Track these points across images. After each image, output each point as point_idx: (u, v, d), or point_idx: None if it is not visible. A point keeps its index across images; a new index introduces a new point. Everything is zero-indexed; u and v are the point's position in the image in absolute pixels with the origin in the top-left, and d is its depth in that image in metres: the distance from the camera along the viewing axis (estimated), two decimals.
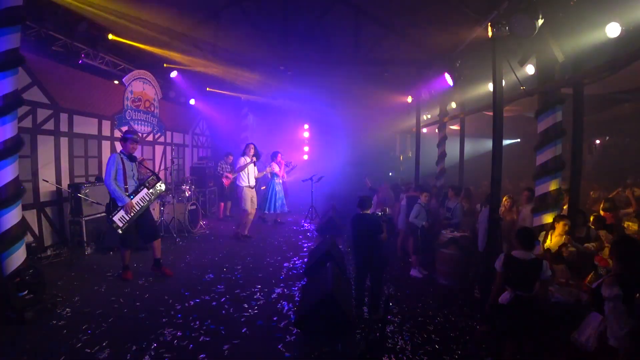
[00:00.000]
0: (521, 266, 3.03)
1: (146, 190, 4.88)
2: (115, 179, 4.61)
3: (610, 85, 5.80)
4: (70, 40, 6.01)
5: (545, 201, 4.80)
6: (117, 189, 4.58)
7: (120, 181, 4.67)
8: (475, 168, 9.52)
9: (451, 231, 5.62)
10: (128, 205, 4.62)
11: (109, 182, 4.58)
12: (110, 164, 4.61)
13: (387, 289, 4.97)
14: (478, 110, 7.71)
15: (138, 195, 4.78)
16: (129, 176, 4.76)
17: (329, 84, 10.60)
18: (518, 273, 3.05)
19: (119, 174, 4.66)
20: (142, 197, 4.83)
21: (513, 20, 4.03)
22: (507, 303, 3.10)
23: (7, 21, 3.66)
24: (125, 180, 4.71)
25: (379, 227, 4.29)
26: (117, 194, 4.58)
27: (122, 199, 4.59)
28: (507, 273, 3.08)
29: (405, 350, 3.49)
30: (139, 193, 4.80)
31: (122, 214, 4.61)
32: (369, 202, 4.49)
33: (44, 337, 3.36)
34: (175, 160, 10.16)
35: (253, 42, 8.26)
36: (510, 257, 3.11)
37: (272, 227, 8.54)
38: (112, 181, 4.57)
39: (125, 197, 4.61)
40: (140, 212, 4.76)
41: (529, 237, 3.15)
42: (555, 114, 4.73)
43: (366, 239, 4.28)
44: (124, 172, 4.70)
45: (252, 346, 3.34)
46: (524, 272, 3.04)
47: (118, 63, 7.40)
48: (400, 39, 7.89)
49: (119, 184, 4.64)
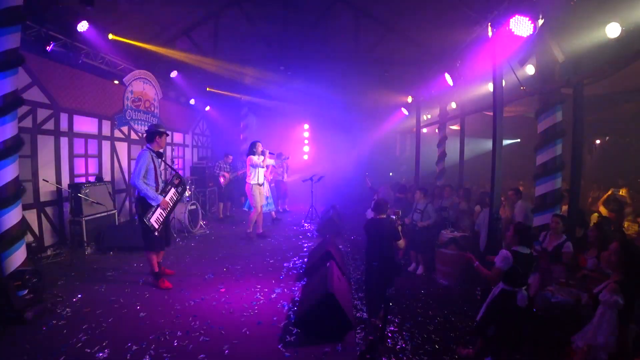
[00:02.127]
0: (526, 261, 3.03)
1: (174, 189, 4.67)
2: (145, 177, 4.32)
3: (610, 85, 5.80)
4: (70, 40, 6.01)
5: (545, 201, 4.80)
6: (148, 188, 4.32)
7: (151, 180, 4.40)
8: (474, 167, 9.53)
9: (451, 231, 5.62)
10: (163, 203, 4.41)
11: (138, 182, 4.27)
12: (142, 162, 4.31)
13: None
14: (478, 110, 7.71)
15: (167, 195, 4.56)
16: (158, 175, 4.50)
17: (329, 83, 10.61)
18: (525, 267, 3.04)
19: (149, 173, 4.37)
20: (171, 197, 4.63)
21: (513, 20, 4.04)
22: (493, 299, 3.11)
23: (7, 21, 3.66)
24: (156, 179, 4.45)
25: (395, 232, 4.01)
26: (149, 193, 4.31)
27: (156, 197, 4.37)
28: (516, 269, 3.00)
29: (405, 350, 3.49)
30: (167, 193, 4.57)
31: (158, 214, 4.38)
32: (386, 206, 4.17)
33: (44, 337, 3.35)
34: (175, 160, 10.15)
35: (253, 42, 8.28)
36: (516, 253, 3.03)
37: (274, 227, 8.51)
38: (141, 180, 4.28)
39: (158, 196, 4.39)
40: (170, 213, 4.60)
41: (529, 234, 3.16)
42: (555, 114, 4.74)
43: (381, 246, 3.98)
44: (155, 171, 4.42)
45: (252, 346, 3.34)
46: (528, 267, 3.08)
47: (118, 63, 7.40)
48: (400, 39, 7.89)
49: (149, 183, 4.38)
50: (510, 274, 3.02)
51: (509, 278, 3.04)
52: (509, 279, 3.04)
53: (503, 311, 3.03)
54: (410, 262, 6.06)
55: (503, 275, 3.07)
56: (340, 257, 5.49)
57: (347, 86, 10.65)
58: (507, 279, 3.05)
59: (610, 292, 2.49)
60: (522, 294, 2.98)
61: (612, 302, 2.45)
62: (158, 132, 4.54)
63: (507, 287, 3.04)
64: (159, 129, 4.57)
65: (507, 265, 3.01)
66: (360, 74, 9.68)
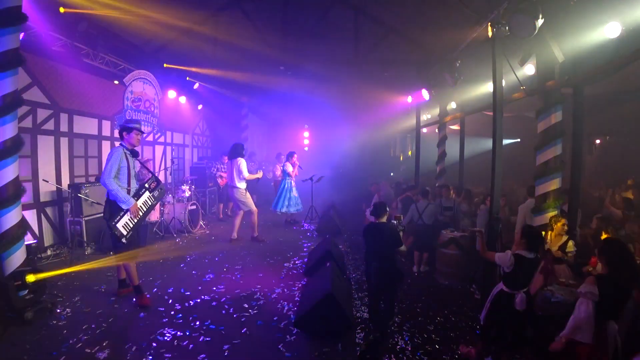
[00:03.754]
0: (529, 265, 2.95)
1: (148, 193, 4.23)
2: (116, 177, 3.90)
3: (610, 85, 5.81)
4: (71, 40, 6.01)
5: (545, 201, 4.80)
6: (120, 189, 3.87)
7: (123, 181, 3.97)
8: (474, 166, 9.53)
9: (451, 231, 5.62)
10: (134, 208, 3.96)
11: (109, 181, 3.83)
12: (113, 160, 3.87)
13: None
14: (478, 110, 7.72)
15: (141, 198, 4.10)
16: (132, 175, 4.06)
17: (329, 84, 10.61)
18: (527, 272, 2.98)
19: (122, 173, 3.95)
20: (145, 201, 4.16)
21: (513, 20, 4.03)
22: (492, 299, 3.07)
23: (7, 21, 3.66)
24: (128, 180, 4.02)
25: (397, 238, 3.81)
26: (120, 194, 3.85)
27: (128, 200, 3.89)
28: (517, 273, 2.93)
29: (405, 350, 3.49)
30: (141, 196, 4.12)
31: (126, 219, 3.93)
32: (384, 209, 3.96)
33: (44, 337, 3.35)
34: (175, 160, 10.15)
35: (253, 42, 8.26)
36: (520, 257, 2.94)
37: (274, 227, 8.52)
38: (112, 180, 3.84)
39: (130, 199, 3.92)
40: (143, 219, 4.16)
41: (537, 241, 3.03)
42: (555, 114, 4.73)
43: (382, 252, 3.80)
44: (128, 171, 4.00)
45: (252, 346, 3.34)
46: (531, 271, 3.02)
47: (118, 63, 7.40)
48: (400, 39, 7.88)
49: (122, 184, 3.96)
50: (510, 276, 2.97)
51: (509, 280, 2.99)
52: (509, 281, 3.00)
53: (501, 313, 2.99)
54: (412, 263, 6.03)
55: (503, 276, 3.03)
56: (340, 257, 5.49)
57: (347, 86, 10.64)
58: (507, 281, 3.01)
59: (586, 284, 2.54)
60: (521, 297, 2.90)
61: (585, 293, 2.50)
62: (127, 128, 4.07)
63: (506, 289, 3.00)
64: (129, 124, 4.10)
65: (507, 267, 2.96)
66: (361, 74, 9.66)
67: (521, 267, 2.92)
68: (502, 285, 3.04)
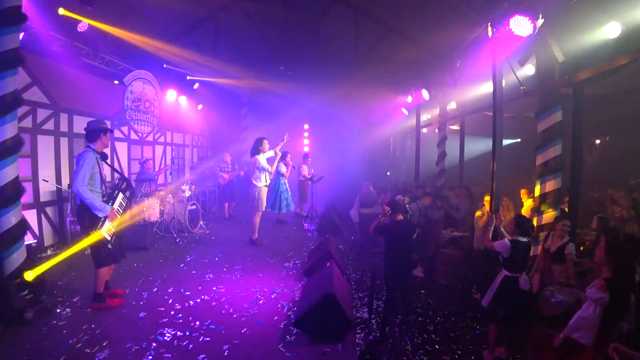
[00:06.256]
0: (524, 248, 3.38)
1: (122, 195, 4.02)
2: (89, 184, 3.68)
3: (611, 86, 5.80)
4: (70, 40, 6.01)
5: (545, 201, 4.80)
6: (95, 197, 3.66)
7: (97, 187, 3.78)
8: (473, 166, 9.52)
9: (451, 231, 5.63)
10: (111, 214, 3.79)
11: (83, 189, 3.58)
12: (86, 167, 3.64)
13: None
14: (478, 110, 7.72)
15: (115, 201, 3.90)
16: (103, 180, 3.89)
17: (329, 83, 10.61)
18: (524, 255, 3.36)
19: (94, 179, 3.75)
20: (120, 204, 3.96)
21: (513, 20, 4.04)
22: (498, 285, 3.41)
23: (7, 21, 3.66)
24: (102, 185, 3.85)
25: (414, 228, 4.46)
26: (95, 202, 3.64)
27: (103, 208, 3.71)
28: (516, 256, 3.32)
29: (405, 350, 3.49)
30: (115, 199, 3.90)
31: (108, 225, 3.79)
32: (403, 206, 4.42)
33: (44, 337, 3.35)
34: (175, 160, 10.16)
35: (252, 42, 8.27)
36: (516, 242, 3.36)
37: (274, 227, 8.51)
38: (85, 187, 3.61)
39: (106, 206, 3.74)
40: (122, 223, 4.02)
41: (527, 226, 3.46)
42: (555, 114, 4.74)
43: (406, 244, 4.24)
44: (100, 176, 3.81)
45: (252, 346, 3.34)
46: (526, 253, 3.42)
47: (118, 63, 7.40)
48: (400, 39, 7.88)
49: (95, 190, 3.76)
50: (510, 261, 3.35)
51: (510, 265, 3.37)
52: (510, 266, 3.37)
53: (509, 295, 3.31)
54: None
55: (504, 262, 3.42)
56: (340, 257, 5.49)
57: (347, 86, 10.65)
58: (508, 266, 3.39)
59: (597, 289, 2.52)
60: (524, 278, 3.33)
61: (597, 299, 2.49)
62: (102, 129, 3.88)
63: (509, 273, 3.37)
64: (103, 125, 3.93)
65: (505, 252, 3.35)
66: (361, 74, 9.67)
67: (517, 250, 3.34)
68: (505, 271, 3.41)
